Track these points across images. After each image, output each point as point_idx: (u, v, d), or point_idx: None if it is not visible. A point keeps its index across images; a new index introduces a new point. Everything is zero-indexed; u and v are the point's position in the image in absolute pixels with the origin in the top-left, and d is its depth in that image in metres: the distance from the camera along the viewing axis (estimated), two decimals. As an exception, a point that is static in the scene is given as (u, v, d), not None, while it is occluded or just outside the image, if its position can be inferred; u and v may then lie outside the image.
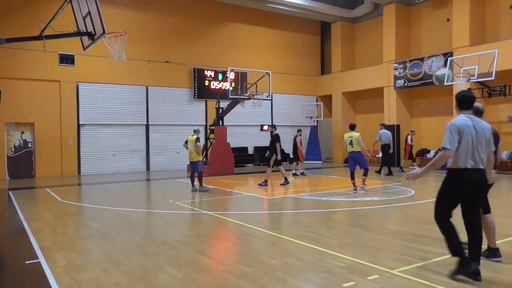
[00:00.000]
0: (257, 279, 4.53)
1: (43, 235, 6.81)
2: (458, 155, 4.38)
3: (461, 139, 4.35)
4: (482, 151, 4.42)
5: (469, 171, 4.37)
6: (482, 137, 4.42)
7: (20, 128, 17.15)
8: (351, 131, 11.39)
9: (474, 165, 4.38)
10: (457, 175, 4.43)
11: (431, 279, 4.39)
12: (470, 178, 4.38)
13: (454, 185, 4.48)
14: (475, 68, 15.27)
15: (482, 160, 4.42)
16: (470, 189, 4.41)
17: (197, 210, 9.07)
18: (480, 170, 4.42)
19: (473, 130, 4.39)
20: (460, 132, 4.35)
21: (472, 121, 4.44)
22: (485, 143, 4.45)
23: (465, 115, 4.50)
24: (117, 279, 4.60)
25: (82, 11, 7.38)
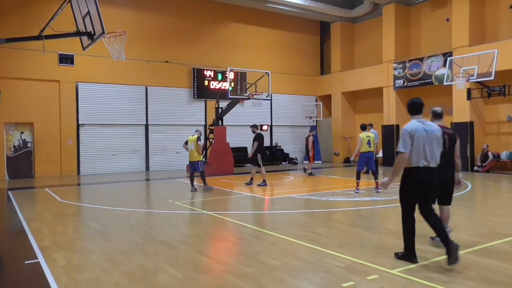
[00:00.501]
0: (256, 279, 4.52)
1: (42, 235, 6.80)
2: (413, 156, 4.87)
3: (413, 141, 4.85)
4: (434, 151, 4.91)
5: (421, 170, 4.87)
6: (433, 139, 4.91)
7: (20, 128, 17.15)
8: (364, 131, 11.37)
9: (426, 164, 4.87)
10: (412, 173, 4.92)
11: (431, 279, 4.39)
12: (423, 176, 4.89)
13: (410, 183, 4.97)
14: (474, 68, 15.28)
15: (434, 159, 4.91)
16: (423, 186, 4.92)
17: (197, 210, 9.04)
18: (432, 169, 4.91)
19: (424, 132, 4.89)
20: (412, 136, 4.86)
21: (423, 124, 4.96)
22: (436, 143, 4.93)
23: (416, 120, 5.03)
24: (117, 279, 4.59)
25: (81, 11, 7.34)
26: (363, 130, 11.45)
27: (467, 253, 5.39)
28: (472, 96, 16.73)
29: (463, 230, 6.82)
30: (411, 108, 5.18)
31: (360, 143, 11.19)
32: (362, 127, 11.60)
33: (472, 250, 5.52)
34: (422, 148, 4.86)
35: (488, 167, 16.57)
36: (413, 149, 4.87)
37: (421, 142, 4.86)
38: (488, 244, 5.80)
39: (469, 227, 7.03)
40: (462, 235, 6.42)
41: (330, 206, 9.18)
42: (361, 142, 11.17)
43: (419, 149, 4.86)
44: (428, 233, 6.35)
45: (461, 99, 17.30)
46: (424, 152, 4.87)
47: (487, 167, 16.57)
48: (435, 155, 4.94)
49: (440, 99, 19.29)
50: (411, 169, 4.92)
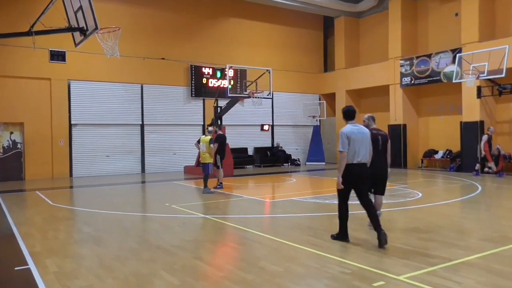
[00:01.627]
0: (257, 285, 4.49)
1: (33, 240, 6.76)
2: (349, 154, 5.99)
3: (350, 142, 5.96)
4: (365, 150, 6.08)
5: (356, 165, 6.01)
6: (364, 139, 6.09)
7: (9, 128, 16.90)
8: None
9: (359, 161, 6.04)
10: (348, 168, 6.02)
11: (439, 286, 4.32)
12: (357, 171, 6.04)
13: (346, 176, 6.05)
14: (485, 65, 15.14)
15: (365, 156, 6.08)
16: (357, 178, 6.07)
17: (195, 214, 8.99)
18: (364, 164, 6.11)
19: (358, 135, 6.03)
20: (349, 138, 5.96)
21: (356, 128, 6.10)
22: (366, 143, 6.12)
23: (351, 124, 6.14)
24: (111, 286, 4.57)
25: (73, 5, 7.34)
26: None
27: (476, 258, 5.33)
28: (482, 94, 16.50)
29: (472, 234, 6.82)
30: (346, 115, 6.25)
31: None
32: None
33: (482, 255, 5.43)
34: (357, 147, 5.98)
35: (499, 168, 16.04)
36: (349, 148, 5.96)
37: (355, 142, 5.97)
38: (499, 249, 5.71)
39: (479, 231, 6.99)
40: (471, 239, 6.42)
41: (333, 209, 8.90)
42: None
43: (354, 149, 5.97)
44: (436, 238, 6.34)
45: (470, 97, 17.02)
46: (358, 151, 5.99)
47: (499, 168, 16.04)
48: (366, 153, 6.10)
49: (449, 97, 19.36)
50: (348, 165, 6.00)
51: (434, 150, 19.65)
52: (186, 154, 19.34)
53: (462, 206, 9.74)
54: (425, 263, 5.05)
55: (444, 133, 19.28)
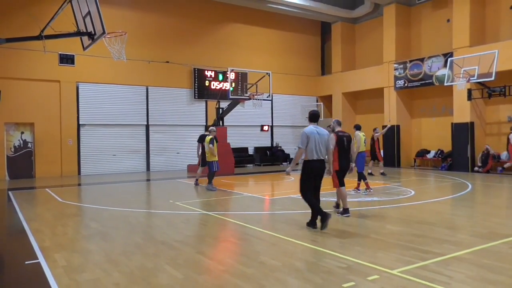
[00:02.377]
0: (257, 279, 4.52)
1: (42, 235, 6.78)
2: (308, 151, 6.78)
3: (309, 141, 6.71)
4: (323, 148, 6.85)
5: (314, 161, 6.80)
6: (322, 139, 6.86)
7: (20, 128, 17.12)
8: (359, 131, 11.39)
9: (317, 157, 6.80)
10: (308, 164, 6.84)
11: (431, 279, 4.39)
12: (315, 165, 6.82)
13: (307, 171, 6.85)
14: (475, 69, 15.28)
15: (322, 153, 6.86)
16: (316, 172, 6.85)
17: (197, 211, 9.01)
18: (321, 160, 6.85)
19: (317, 135, 6.78)
20: (308, 137, 6.74)
21: (316, 129, 6.86)
22: (324, 143, 6.88)
23: (313, 125, 6.94)
24: (117, 280, 4.58)
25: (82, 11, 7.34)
26: (358, 130, 11.47)
27: (467, 253, 5.40)
28: (473, 97, 16.73)
29: (463, 231, 6.84)
30: (311, 117, 7.09)
31: (359, 142, 11.15)
32: (357, 127, 11.61)
33: (472, 250, 5.52)
34: (316, 145, 6.75)
35: (488, 167, 16.56)
36: (309, 146, 6.75)
37: (315, 141, 6.73)
38: (488, 245, 5.80)
39: (470, 227, 7.05)
40: (462, 235, 6.44)
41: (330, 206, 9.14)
42: (360, 141, 11.16)
43: (313, 147, 6.73)
44: (429, 233, 6.48)
45: (461, 100, 17.29)
46: (316, 149, 6.76)
47: (487, 167, 16.56)
48: (323, 151, 6.88)
49: (441, 99, 19.39)
50: (308, 161, 6.83)
51: (427, 150, 19.86)
52: (190, 153, 19.36)
53: (453, 203, 9.75)
54: (418, 258, 5.10)
55: (436, 133, 19.48)
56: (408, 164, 20.50)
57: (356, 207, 9.10)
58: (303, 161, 6.93)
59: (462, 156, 17.32)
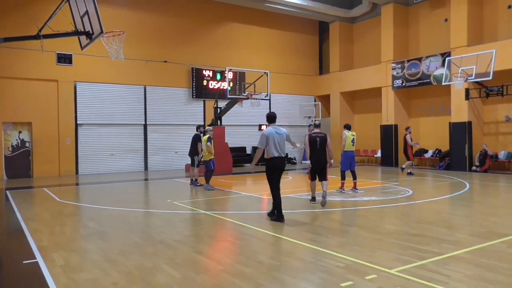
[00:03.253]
0: (255, 278, 4.52)
1: (40, 234, 6.78)
2: (269, 149, 7.48)
3: (269, 141, 7.45)
4: (282, 146, 7.59)
5: (275, 158, 7.51)
6: (282, 138, 7.59)
7: (18, 127, 17.10)
8: (349, 131, 11.41)
9: (278, 154, 7.51)
10: (270, 161, 7.54)
11: (429, 279, 4.39)
12: (277, 162, 7.55)
13: (270, 167, 7.59)
14: (472, 68, 15.30)
15: (283, 151, 7.59)
16: (278, 167, 7.58)
17: (195, 210, 9.02)
18: (282, 157, 7.58)
19: (276, 135, 7.53)
20: (267, 137, 7.47)
21: (275, 129, 7.61)
22: (283, 141, 7.61)
23: (271, 126, 7.66)
24: (115, 279, 4.58)
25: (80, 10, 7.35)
26: (348, 129, 11.49)
27: (465, 252, 5.41)
28: (470, 96, 16.76)
29: (461, 230, 6.84)
30: (269, 119, 7.78)
31: (345, 141, 11.24)
32: (347, 126, 11.64)
33: (471, 249, 5.53)
34: (276, 144, 7.47)
35: (486, 167, 16.62)
36: (269, 145, 7.44)
37: (274, 140, 7.47)
38: (486, 244, 5.81)
39: (467, 227, 7.06)
40: (460, 235, 6.44)
41: (328, 205, 9.18)
42: (346, 140, 11.23)
43: (275, 145, 7.46)
44: (426, 232, 6.50)
45: (459, 99, 17.32)
46: (276, 147, 7.47)
47: (486, 167, 16.62)
48: (283, 148, 7.61)
49: (439, 99, 19.43)
50: (270, 159, 7.51)
51: (424, 150, 19.89)
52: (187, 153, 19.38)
53: (451, 203, 9.80)
54: (416, 257, 5.11)
55: (434, 133, 19.52)
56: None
57: (354, 207, 9.16)
58: (266, 160, 7.58)
59: (460, 156, 17.38)
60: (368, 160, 23.04)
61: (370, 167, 20.52)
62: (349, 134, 11.29)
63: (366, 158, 23.07)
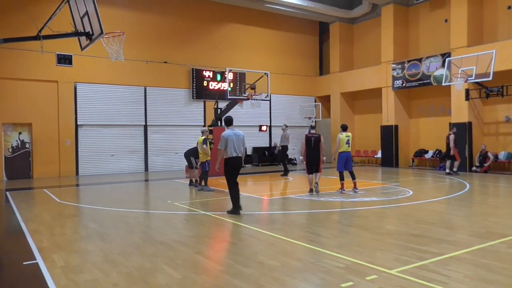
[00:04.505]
0: (255, 279, 4.52)
1: (40, 236, 6.79)
2: (228, 150, 8.18)
3: (228, 142, 8.17)
4: (240, 147, 8.28)
5: (233, 158, 8.22)
6: (239, 140, 8.30)
7: (18, 128, 17.11)
8: (345, 132, 11.43)
9: (236, 154, 8.21)
10: (228, 161, 8.23)
11: (429, 279, 4.40)
12: (234, 161, 8.25)
13: (229, 167, 8.25)
14: (473, 69, 15.31)
15: (240, 151, 8.27)
16: (235, 166, 8.30)
17: (195, 211, 9.04)
18: (239, 157, 8.27)
19: (234, 136, 8.23)
20: (227, 139, 8.19)
21: (233, 131, 8.33)
22: (241, 142, 8.33)
23: (229, 129, 8.37)
24: (115, 280, 4.59)
25: (79, 11, 7.37)
26: (344, 130, 11.50)
27: (465, 253, 5.40)
28: (471, 97, 16.77)
29: (461, 230, 6.85)
30: (226, 122, 8.52)
31: (339, 143, 11.32)
32: (343, 127, 11.65)
33: (471, 250, 5.53)
34: (235, 145, 8.17)
35: (487, 167, 16.61)
36: (228, 146, 8.15)
37: (233, 142, 8.17)
38: (486, 244, 5.81)
39: (467, 227, 7.06)
40: (460, 235, 6.44)
41: (328, 206, 9.20)
42: (340, 143, 11.31)
43: (233, 146, 8.16)
44: (427, 233, 6.50)
45: (459, 100, 17.33)
46: (235, 147, 8.17)
47: (486, 167, 16.60)
48: (241, 149, 8.29)
49: (439, 99, 19.43)
50: (228, 159, 8.24)
51: (425, 150, 19.90)
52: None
53: (451, 203, 9.81)
54: (416, 258, 5.11)
55: (434, 133, 19.47)
56: (406, 164, 20.55)
57: (354, 207, 9.16)
58: (225, 159, 8.28)
59: (461, 156, 17.32)
60: (368, 160, 23.03)
61: (371, 167, 20.52)
62: (343, 136, 11.36)
63: (366, 159, 23.05)
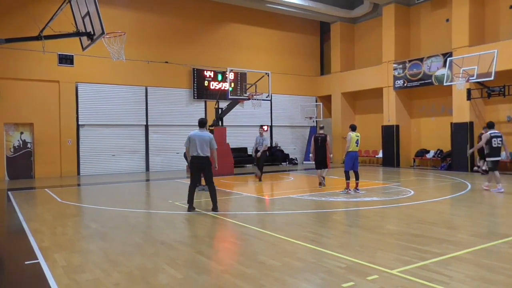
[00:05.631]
0: (256, 279, 4.52)
1: (42, 235, 6.79)
2: (190, 149, 8.60)
3: (190, 141, 8.56)
4: (203, 147, 8.54)
5: (195, 157, 8.57)
6: (202, 140, 8.56)
7: (19, 128, 17.14)
8: (354, 131, 11.39)
9: (197, 154, 8.52)
10: (191, 159, 8.60)
11: (430, 279, 4.39)
12: (195, 161, 8.59)
13: (191, 165, 8.69)
14: (474, 68, 15.27)
15: (203, 151, 8.52)
16: (196, 165, 8.64)
17: (196, 211, 9.00)
18: (200, 157, 8.54)
19: (198, 137, 8.54)
20: (190, 139, 8.58)
21: (200, 132, 8.66)
22: (205, 143, 8.57)
23: (198, 130, 8.71)
24: (116, 280, 4.59)
25: (81, 11, 7.36)
26: (353, 130, 11.49)
27: (466, 253, 5.39)
28: (472, 97, 16.75)
29: (462, 230, 6.82)
30: (200, 123, 8.84)
31: (349, 142, 11.23)
32: (352, 127, 11.65)
33: (472, 250, 5.51)
34: (197, 145, 8.48)
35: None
36: (191, 146, 8.56)
37: (196, 142, 8.49)
38: (488, 244, 5.79)
39: (469, 227, 7.04)
40: (461, 235, 6.42)
41: (330, 206, 9.19)
42: (351, 141, 11.22)
43: (195, 146, 8.50)
44: (428, 233, 6.49)
45: (461, 100, 17.32)
46: (197, 147, 8.48)
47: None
48: (203, 150, 8.53)
49: (440, 99, 19.41)
50: (192, 157, 8.59)
51: (426, 150, 19.89)
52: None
53: (453, 203, 9.81)
54: (417, 258, 5.09)
55: (435, 133, 19.48)
56: (408, 164, 20.54)
57: (355, 207, 9.15)
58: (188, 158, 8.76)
59: (462, 156, 17.33)
60: (369, 160, 23.02)
61: (372, 167, 20.51)
62: (353, 135, 11.28)
63: (367, 159, 23.04)
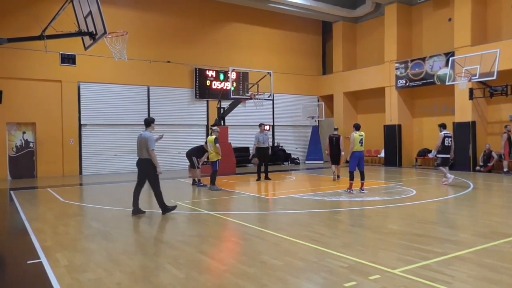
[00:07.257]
0: (258, 279, 4.51)
1: (44, 235, 6.81)
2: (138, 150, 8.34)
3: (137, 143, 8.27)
4: (141, 148, 8.20)
5: (138, 160, 8.32)
6: (141, 142, 8.21)
7: (22, 128, 17.19)
8: (358, 131, 11.34)
9: (139, 157, 8.27)
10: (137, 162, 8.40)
11: (433, 279, 4.38)
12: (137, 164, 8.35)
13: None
14: (476, 68, 15.25)
15: (141, 154, 8.21)
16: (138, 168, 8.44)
17: (198, 210, 9.04)
18: (139, 159, 8.28)
19: (138, 138, 8.33)
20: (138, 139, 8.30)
21: (142, 132, 8.36)
22: (143, 145, 8.16)
23: (146, 131, 8.37)
24: (118, 279, 4.60)
25: (83, 11, 7.42)
26: (357, 130, 11.43)
27: (468, 252, 5.38)
28: (474, 96, 16.72)
29: (464, 230, 6.84)
30: (145, 123, 8.51)
31: (353, 142, 11.18)
32: (356, 126, 11.58)
33: (474, 250, 5.50)
34: (137, 147, 8.30)
35: (490, 167, 16.55)
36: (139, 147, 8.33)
37: (137, 143, 8.33)
38: (490, 244, 5.78)
39: (471, 227, 7.03)
40: (463, 235, 6.43)
41: (332, 206, 9.19)
42: (354, 141, 11.17)
43: (139, 147, 8.24)
44: (430, 233, 6.47)
45: (463, 99, 17.29)
46: (138, 149, 8.30)
47: (490, 167, 16.54)
48: (143, 151, 8.19)
49: (442, 98, 19.38)
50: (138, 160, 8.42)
51: (428, 150, 19.62)
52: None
53: (455, 203, 9.78)
54: (419, 257, 5.09)
55: (438, 133, 19.51)
56: (410, 164, 20.52)
57: (357, 207, 9.15)
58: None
59: (464, 156, 17.30)
60: (371, 160, 22.99)
61: (374, 167, 20.49)
62: (356, 135, 11.22)
63: (369, 158, 23.00)
